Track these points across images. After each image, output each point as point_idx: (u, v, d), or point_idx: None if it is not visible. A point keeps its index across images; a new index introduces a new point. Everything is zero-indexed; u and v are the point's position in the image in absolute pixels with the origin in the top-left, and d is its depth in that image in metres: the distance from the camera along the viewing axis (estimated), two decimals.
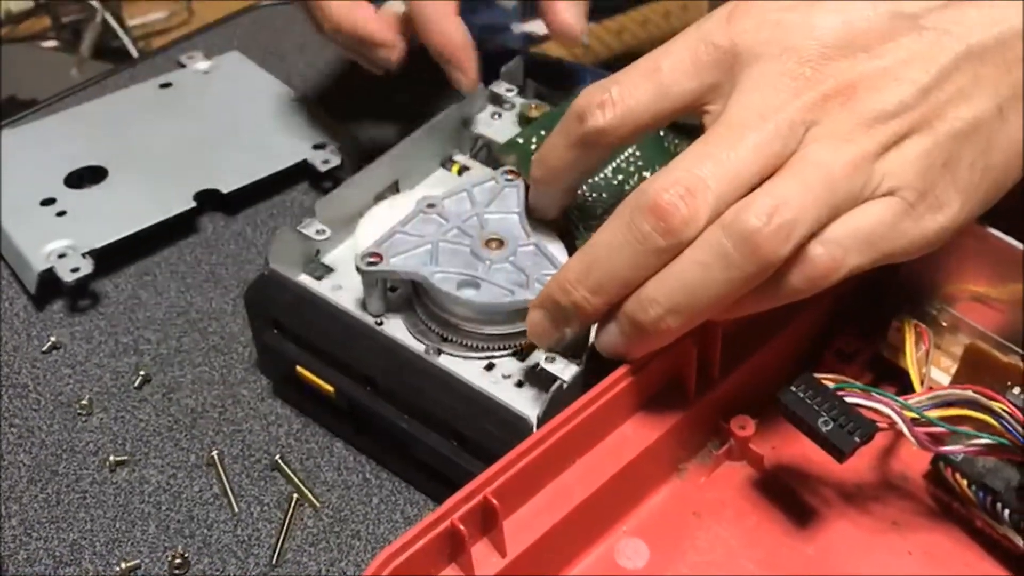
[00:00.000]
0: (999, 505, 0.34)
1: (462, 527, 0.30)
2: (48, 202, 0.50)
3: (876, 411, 0.34)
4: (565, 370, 0.36)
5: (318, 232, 0.41)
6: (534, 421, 0.35)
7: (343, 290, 0.41)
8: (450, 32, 0.44)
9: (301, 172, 0.53)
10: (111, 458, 0.41)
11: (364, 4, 0.46)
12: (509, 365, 0.38)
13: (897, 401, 0.33)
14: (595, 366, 0.36)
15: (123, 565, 0.38)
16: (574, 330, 0.35)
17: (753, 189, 0.31)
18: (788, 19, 0.33)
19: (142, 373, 0.44)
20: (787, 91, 0.32)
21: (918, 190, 0.32)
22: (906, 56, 0.32)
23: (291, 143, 0.53)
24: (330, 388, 0.39)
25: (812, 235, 0.31)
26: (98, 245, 0.47)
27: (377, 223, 0.42)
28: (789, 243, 0.30)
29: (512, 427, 0.34)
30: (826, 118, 0.32)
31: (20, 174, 0.51)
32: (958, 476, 0.34)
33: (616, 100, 0.34)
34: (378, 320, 0.40)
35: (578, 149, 0.36)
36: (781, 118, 0.32)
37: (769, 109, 0.32)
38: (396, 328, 0.39)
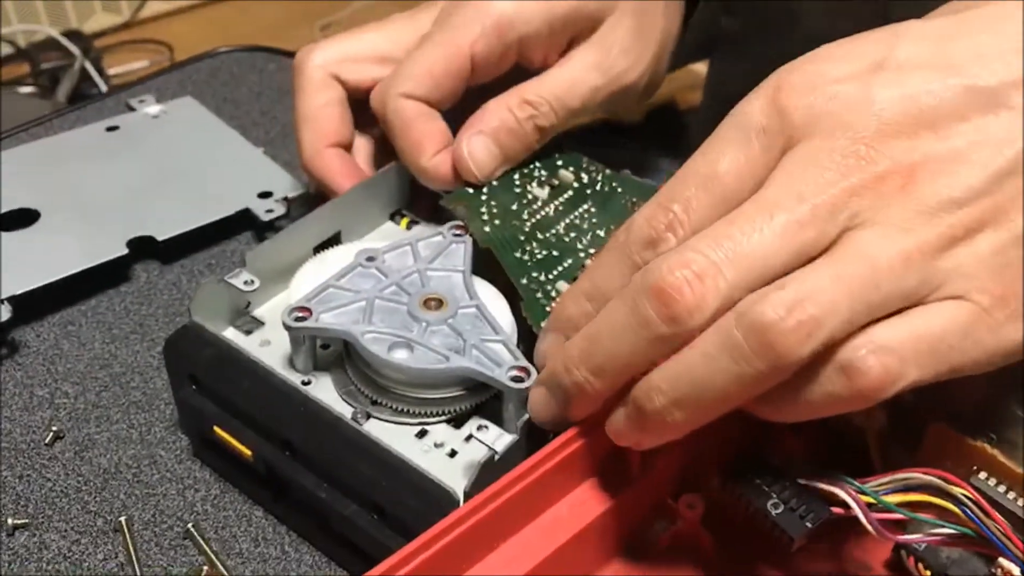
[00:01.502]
0: None
1: None
2: None
3: (830, 494, 0.31)
4: (498, 440, 0.33)
5: (246, 283, 0.39)
6: (460, 495, 0.32)
7: (271, 346, 0.38)
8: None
9: (245, 222, 0.50)
10: (10, 520, 0.38)
11: (335, 151, 0.45)
12: (443, 433, 0.36)
13: (852, 484, 0.31)
14: (535, 436, 0.33)
15: None
16: (578, 413, 0.32)
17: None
18: (843, 92, 0.29)
19: (54, 429, 0.41)
20: (834, 170, 0.28)
21: (994, 294, 0.28)
22: (980, 138, 0.28)
23: (235, 191, 0.51)
24: (247, 451, 0.36)
25: (845, 338, 0.27)
26: (20, 291, 0.44)
27: (314, 276, 0.40)
28: (810, 343, 0.27)
29: (434, 501, 0.32)
30: (879, 203, 0.28)
31: None
32: (920, 566, 0.32)
33: (683, 218, 0.30)
34: (305, 379, 0.37)
35: None
36: (821, 200, 0.28)
37: (809, 190, 0.28)
38: (324, 388, 0.37)
